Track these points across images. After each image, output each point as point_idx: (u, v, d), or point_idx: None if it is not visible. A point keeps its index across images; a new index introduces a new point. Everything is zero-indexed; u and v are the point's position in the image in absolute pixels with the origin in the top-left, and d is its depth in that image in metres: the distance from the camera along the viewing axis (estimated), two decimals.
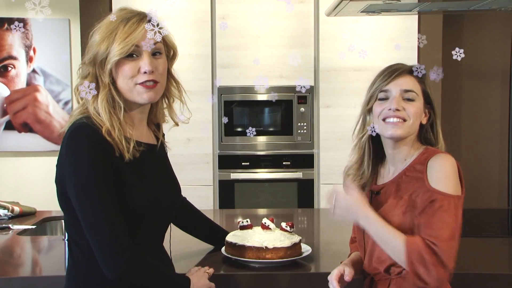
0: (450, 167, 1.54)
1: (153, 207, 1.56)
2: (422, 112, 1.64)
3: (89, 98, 1.53)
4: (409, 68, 1.66)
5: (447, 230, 1.47)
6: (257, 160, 4.10)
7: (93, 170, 1.44)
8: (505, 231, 2.74)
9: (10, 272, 1.97)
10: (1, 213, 2.71)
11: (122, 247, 1.44)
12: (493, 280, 1.84)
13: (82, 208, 1.46)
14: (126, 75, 1.54)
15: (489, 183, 4.63)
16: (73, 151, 1.46)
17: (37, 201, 3.07)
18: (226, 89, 4.05)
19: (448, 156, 1.58)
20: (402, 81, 1.63)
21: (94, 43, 1.54)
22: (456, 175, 1.55)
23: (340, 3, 2.56)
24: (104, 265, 1.46)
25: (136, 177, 1.53)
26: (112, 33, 1.51)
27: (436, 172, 1.55)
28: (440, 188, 1.51)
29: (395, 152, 1.66)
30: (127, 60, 1.53)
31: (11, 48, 4.24)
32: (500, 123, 4.61)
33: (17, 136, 4.30)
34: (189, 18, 4.00)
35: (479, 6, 2.59)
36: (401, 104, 1.62)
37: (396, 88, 1.63)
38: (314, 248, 2.07)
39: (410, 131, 1.63)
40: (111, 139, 1.49)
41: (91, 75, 1.55)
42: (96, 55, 1.53)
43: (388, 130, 1.62)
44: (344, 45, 3.98)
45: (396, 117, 1.61)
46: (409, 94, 1.62)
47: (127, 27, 1.52)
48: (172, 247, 1.82)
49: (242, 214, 3.06)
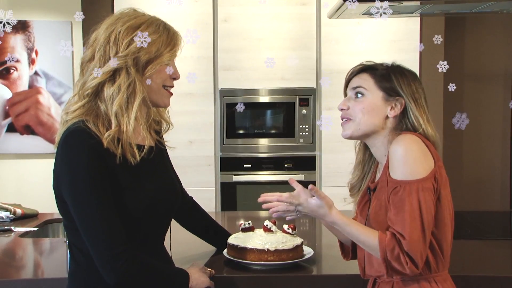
0: (405, 148, 1.49)
1: (151, 210, 1.55)
2: (378, 106, 1.59)
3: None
4: (362, 67, 1.66)
5: (411, 224, 1.44)
6: (259, 162, 4.10)
7: (89, 175, 1.44)
8: (507, 234, 2.73)
9: (12, 274, 1.97)
10: (3, 215, 2.72)
11: (118, 251, 1.44)
12: (495, 282, 1.83)
13: (78, 212, 1.46)
14: (162, 78, 1.58)
15: (491, 185, 4.62)
16: (69, 156, 1.46)
17: (39, 203, 3.07)
18: (228, 91, 4.06)
19: (406, 136, 1.53)
20: (354, 80, 1.65)
21: (135, 41, 1.51)
22: (417, 153, 1.49)
23: (342, 6, 2.56)
24: (102, 270, 1.46)
25: (133, 180, 1.52)
26: (161, 37, 1.54)
27: (392, 158, 1.51)
28: (397, 177, 1.49)
29: (373, 149, 1.66)
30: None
31: (13, 51, 4.25)
32: (502, 125, 4.60)
33: (19, 138, 4.30)
34: (191, 21, 4.01)
35: (481, 8, 2.59)
36: (347, 103, 1.63)
37: (349, 89, 1.66)
38: (316, 251, 2.06)
39: (361, 128, 1.61)
40: (113, 145, 1.48)
41: (123, 72, 1.52)
42: (140, 54, 1.52)
43: (342, 130, 1.65)
44: (346, 47, 3.99)
45: (343, 117, 1.65)
46: (357, 90, 1.63)
47: (173, 32, 1.58)
48: (173, 250, 1.81)
49: (244, 216, 3.06)
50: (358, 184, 1.74)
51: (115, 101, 1.50)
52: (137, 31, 1.52)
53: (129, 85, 1.51)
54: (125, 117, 1.50)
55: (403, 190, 1.47)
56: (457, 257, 1.57)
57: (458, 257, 1.50)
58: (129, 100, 1.51)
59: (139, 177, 1.54)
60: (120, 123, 1.50)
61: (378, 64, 1.65)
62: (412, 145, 1.50)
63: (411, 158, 1.49)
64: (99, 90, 1.52)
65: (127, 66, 1.51)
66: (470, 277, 1.83)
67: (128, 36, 1.51)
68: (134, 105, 1.51)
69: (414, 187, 1.47)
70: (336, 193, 4.11)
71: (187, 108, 3.98)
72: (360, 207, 1.71)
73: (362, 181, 1.73)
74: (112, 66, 1.50)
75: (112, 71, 1.51)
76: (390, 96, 1.59)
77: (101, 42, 1.53)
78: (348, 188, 1.76)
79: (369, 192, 1.68)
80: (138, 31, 1.52)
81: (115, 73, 1.51)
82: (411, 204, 1.46)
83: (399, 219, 1.47)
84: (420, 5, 2.59)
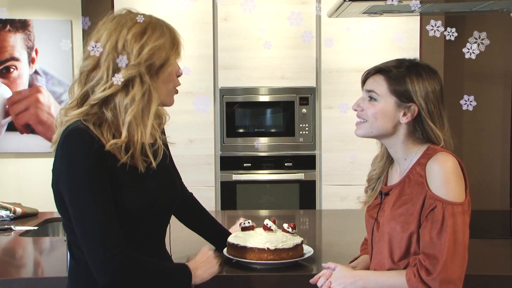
0: (450, 168, 1.50)
1: (150, 207, 1.55)
2: (390, 112, 1.58)
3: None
4: (379, 68, 1.63)
5: (447, 251, 1.46)
6: (259, 161, 4.10)
7: (88, 175, 1.43)
8: (508, 233, 2.73)
9: (12, 273, 1.97)
10: (3, 214, 2.72)
11: (110, 255, 1.42)
12: (496, 281, 1.84)
13: (74, 212, 1.45)
14: (173, 80, 1.58)
15: (491, 184, 4.62)
16: (68, 155, 1.45)
17: (39, 202, 3.07)
18: (228, 90, 4.06)
19: (448, 155, 1.52)
20: (369, 81, 1.64)
21: (146, 47, 1.49)
22: (457, 176, 1.50)
23: (342, 4, 2.56)
24: (94, 273, 1.45)
25: (133, 179, 1.51)
26: (167, 39, 1.53)
27: (435, 175, 1.50)
28: (440, 194, 1.49)
29: (391, 150, 1.66)
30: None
31: (13, 50, 4.25)
32: (502, 125, 4.60)
33: (19, 137, 4.30)
34: (191, 20, 4.01)
35: (481, 7, 2.59)
36: (362, 105, 1.62)
37: (364, 90, 1.65)
38: (316, 250, 2.07)
39: (373, 131, 1.61)
40: (118, 152, 1.47)
41: (137, 81, 1.49)
42: (153, 60, 1.50)
43: (356, 129, 1.66)
44: (346, 46, 3.99)
45: (358, 117, 1.64)
46: (370, 94, 1.62)
47: (173, 31, 1.56)
48: (173, 249, 1.81)
49: (244, 215, 3.06)
50: (374, 180, 1.73)
51: (129, 111, 1.47)
52: (145, 37, 1.50)
53: (144, 94, 1.49)
54: (140, 127, 1.48)
55: (449, 213, 1.47)
56: None
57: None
58: (145, 109, 1.49)
59: (139, 175, 1.53)
60: (133, 133, 1.48)
61: (394, 65, 1.61)
62: (456, 166, 1.51)
63: (455, 177, 1.50)
64: (107, 100, 1.49)
65: (140, 74, 1.48)
66: (471, 276, 1.82)
67: (137, 43, 1.48)
68: (150, 114, 1.49)
69: (458, 210, 1.48)
70: (336, 192, 4.15)
71: (187, 107, 3.98)
72: (369, 210, 1.71)
73: (379, 178, 1.72)
74: (126, 76, 1.47)
75: (125, 81, 1.48)
76: (402, 102, 1.57)
77: (107, 50, 1.49)
78: (366, 180, 1.76)
79: (381, 196, 1.68)
80: (145, 36, 1.50)
81: (127, 82, 1.48)
82: (451, 230, 1.47)
83: (436, 247, 1.47)
84: (420, 4, 2.58)
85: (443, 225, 1.47)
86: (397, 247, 1.55)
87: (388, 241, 1.57)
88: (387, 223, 1.58)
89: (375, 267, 1.64)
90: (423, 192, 1.52)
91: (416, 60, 1.65)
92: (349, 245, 1.88)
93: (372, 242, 1.67)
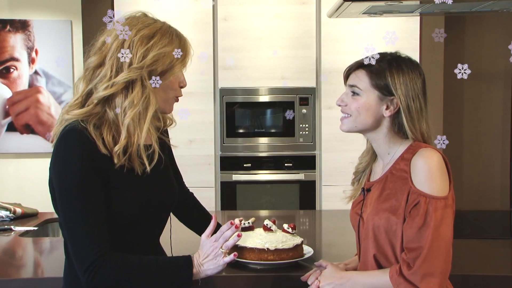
0: (435, 163, 1.49)
1: (145, 210, 1.54)
2: (372, 106, 1.59)
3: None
4: (361, 62, 1.64)
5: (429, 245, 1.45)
6: (259, 162, 4.10)
7: (79, 177, 1.42)
8: (507, 233, 2.74)
9: (12, 274, 1.97)
10: (3, 214, 2.72)
11: (92, 259, 1.41)
12: (495, 282, 1.84)
13: (62, 214, 1.45)
14: (174, 89, 1.58)
15: (491, 184, 4.62)
16: (63, 155, 1.44)
17: (39, 203, 3.07)
18: (228, 90, 4.06)
19: (432, 151, 1.52)
20: (352, 76, 1.66)
21: (151, 53, 1.49)
22: (442, 172, 1.50)
23: (342, 5, 2.56)
24: (79, 275, 1.44)
25: (128, 181, 1.51)
26: (176, 48, 1.53)
27: (420, 170, 1.50)
28: (424, 189, 1.48)
29: (374, 145, 1.66)
30: None
31: (13, 50, 4.25)
32: (502, 125, 4.60)
33: (19, 137, 4.30)
34: (191, 20, 4.01)
35: (481, 7, 2.59)
36: (345, 100, 1.65)
37: (347, 86, 1.67)
38: (316, 250, 2.07)
39: (357, 125, 1.62)
40: (118, 159, 1.46)
41: (138, 84, 1.49)
42: (157, 66, 1.50)
43: (341, 124, 1.68)
44: (346, 46, 3.99)
45: (342, 112, 1.67)
46: (352, 89, 1.63)
47: (184, 41, 1.57)
48: (173, 248, 1.81)
49: (244, 216, 3.06)
50: (360, 173, 1.74)
51: (128, 114, 1.47)
52: (152, 42, 1.49)
53: (143, 98, 1.49)
54: (137, 130, 1.48)
55: (433, 208, 1.46)
56: (457, 256, 1.57)
57: (458, 257, 1.50)
58: (142, 113, 1.49)
59: (136, 177, 1.52)
60: (131, 134, 1.48)
61: (376, 59, 1.62)
62: (440, 161, 1.50)
63: (440, 173, 1.49)
64: (109, 99, 1.49)
65: (142, 78, 1.48)
66: (470, 276, 1.83)
67: (143, 46, 1.48)
68: (147, 119, 1.49)
69: (442, 204, 1.47)
70: (336, 192, 4.14)
71: (187, 107, 3.97)
72: (354, 207, 1.72)
73: (364, 171, 1.73)
74: (127, 78, 1.47)
75: (126, 82, 1.48)
76: (384, 96, 1.58)
77: (113, 49, 1.49)
78: (353, 172, 1.77)
79: (363, 192, 1.68)
80: (152, 41, 1.49)
81: (128, 84, 1.48)
82: (434, 224, 1.45)
83: (418, 240, 1.46)
84: (420, 5, 2.59)
85: (426, 219, 1.46)
86: (383, 243, 1.55)
87: (373, 237, 1.58)
88: (371, 219, 1.58)
89: (362, 265, 1.64)
90: (406, 188, 1.52)
91: (398, 53, 1.65)
92: (349, 245, 1.88)
93: (359, 239, 1.68)
